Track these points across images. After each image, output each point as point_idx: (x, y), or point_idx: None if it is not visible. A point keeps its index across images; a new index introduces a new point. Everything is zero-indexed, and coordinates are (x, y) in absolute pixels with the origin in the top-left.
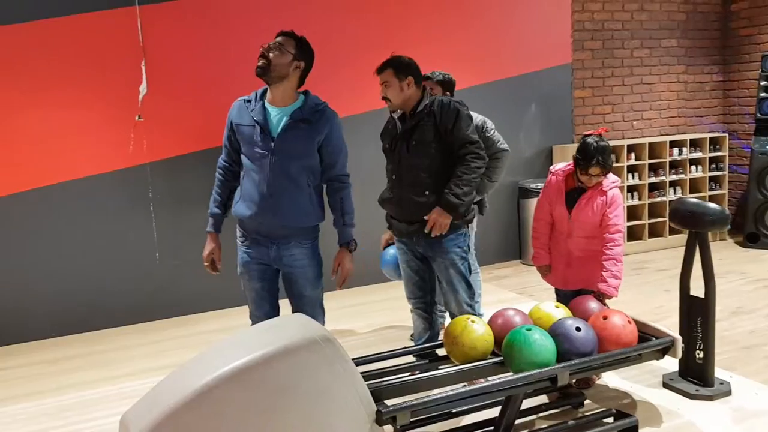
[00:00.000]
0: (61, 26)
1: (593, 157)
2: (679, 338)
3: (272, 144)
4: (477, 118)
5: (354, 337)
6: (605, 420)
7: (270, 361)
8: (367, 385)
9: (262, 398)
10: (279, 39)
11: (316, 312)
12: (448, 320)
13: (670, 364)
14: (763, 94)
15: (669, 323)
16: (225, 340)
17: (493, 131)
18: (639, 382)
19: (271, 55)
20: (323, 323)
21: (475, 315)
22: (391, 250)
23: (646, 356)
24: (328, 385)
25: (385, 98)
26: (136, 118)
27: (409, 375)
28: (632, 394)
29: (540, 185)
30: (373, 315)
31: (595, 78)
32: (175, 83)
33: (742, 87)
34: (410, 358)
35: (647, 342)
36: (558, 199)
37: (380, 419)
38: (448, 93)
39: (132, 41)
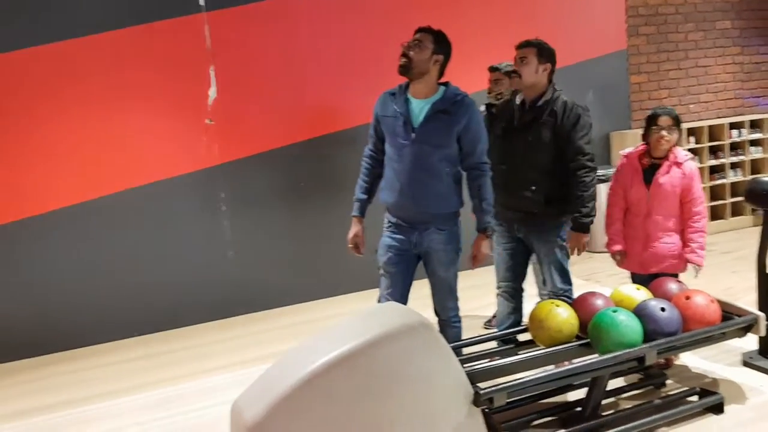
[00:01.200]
0: (132, 36)
1: (659, 109)
2: (762, 315)
3: (413, 134)
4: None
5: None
6: (690, 399)
7: (375, 346)
8: (466, 368)
9: (369, 382)
10: (417, 36)
11: (447, 295)
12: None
13: (749, 343)
14: None
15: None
16: (326, 329)
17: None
18: (718, 361)
19: (411, 53)
20: (454, 307)
21: (567, 300)
22: None
23: (729, 334)
24: (429, 369)
25: (515, 73)
26: (207, 121)
27: (497, 359)
28: (713, 373)
29: (601, 172)
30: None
31: (651, 63)
32: (243, 86)
33: None
34: (490, 344)
35: (730, 320)
36: (634, 179)
37: (478, 400)
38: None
39: (200, 47)
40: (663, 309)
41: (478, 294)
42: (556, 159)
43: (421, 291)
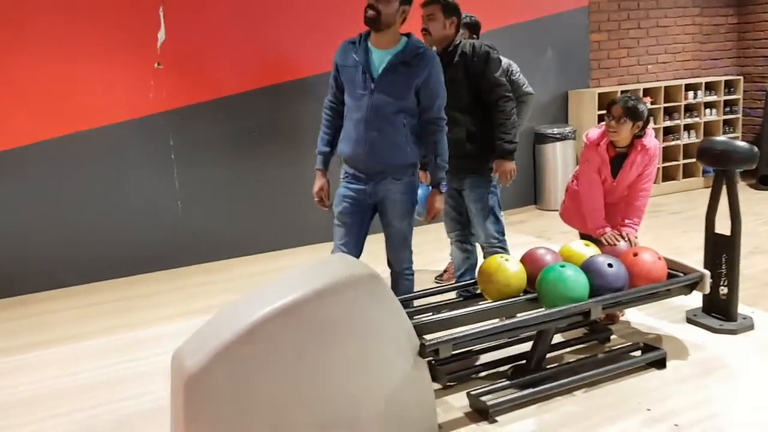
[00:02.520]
0: None
1: (618, 97)
2: (707, 273)
3: (372, 84)
4: (503, 61)
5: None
6: (633, 354)
7: (321, 296)
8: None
9: (314, 332)
10: None
11: (401, 246)
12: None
13: (693, 301)
14: None
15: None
16: (274, 280)
17: (518, 74)
18: (663, 318)
19: (379, 6)
20: (408, 259)
21: (505, 252)
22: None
23: (675, 291)
24: (375, 320)
25: (425, 30)
26: (156, 65)
27: (446, 312)
28: (657, 329)
29: (556, 130)
30: None
31: (611, 21)
32: (195, 29)
33: (758, 29)
34: (441, 297)
35: (676, 278)
36: (602, 170)
37: (423, 352)
38: (474, 36)
39: None
40: (610, 265)
41: (430, 249)
42: (473, 99)
43: (374, 245)
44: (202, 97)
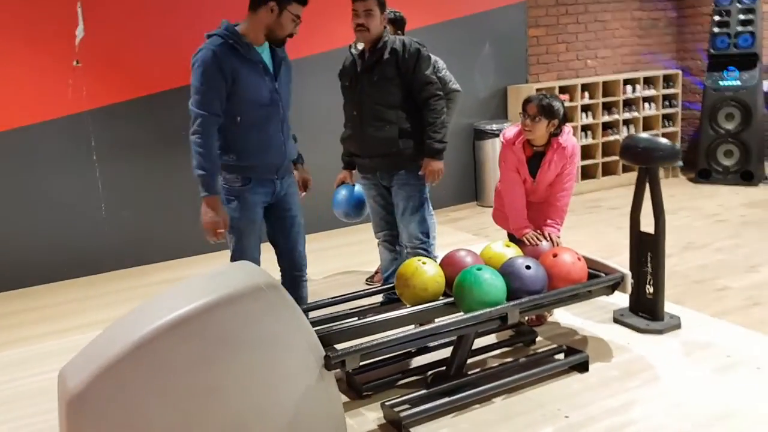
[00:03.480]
0: None
1: (533, 95)
2: (629, 274)
3: (276, 85)
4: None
5: (310, 282)
6: (556, 356)
7: (212, 310)
8: (317, 330)
9: (205, 348)
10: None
11: (303, 244)
12: None
13: (621, 300)
14: (716, 30)
15: (621, 260)
16: (166, 291)
17: (444, 71)
18: (590, 318)
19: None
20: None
21: (428, 254)
22: (343, 191)
23: (596, 292)
24: (274, 333)
25: (361, 27)
26: (74, 63)
27: (359, 319)
28: (583, 330)
29: (495, 126)
30: (327, 261)
31: (549, 16)
32: (114, 26)
33: (696, 23)
34: (363, 302)
35: (597, 278)
36: (520, 169)
37: (329, 364)
38: (399, 32)
39: None
40: (528, 267)
41: (361, 249)
42: (404, 97)
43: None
44: (125, 95)
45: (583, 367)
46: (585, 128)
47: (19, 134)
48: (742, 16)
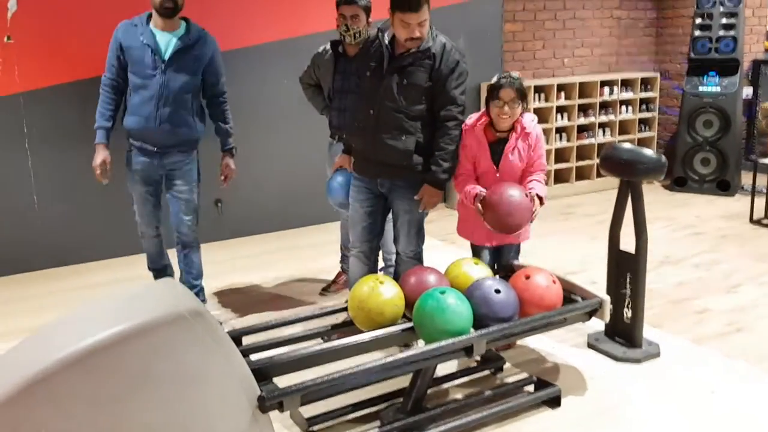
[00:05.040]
0: None
1: (503, 79)
2: (607, 299)
3: (163, 65)
4: None
5: (258, 292)
6: (526, 389)
7: (125, 341)
8: (255, 360)
9: (116, 385)
10: None
11: (191, 215)
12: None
13: (597, 321)
14: (697, 33)
15: (595, 274)
16: (80, 309)
17: None
18: (563, 341)
19: None
20: (193, 224)
21: (420, 263)
22: (339, 178)
23: (571, 319)
24: (199, 368)
25: (417, 39)
26: (5, 39)
27: (316, 344)
28: (555, 356)
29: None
30: (278, 265)
31: (527, 11)
32: (52, 1)
33: (676, 25)
34: (315, 323)
35: (573, 304)
36: (481, 153)
37: (263, 406)
38: (370, 20)
39: None
40: (498, 291)
41: (317, 254)
42: (429, 107)
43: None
44: (62, 77)
45: (554, 402)
46: (559, 130)
47: None
48: (724, 20)
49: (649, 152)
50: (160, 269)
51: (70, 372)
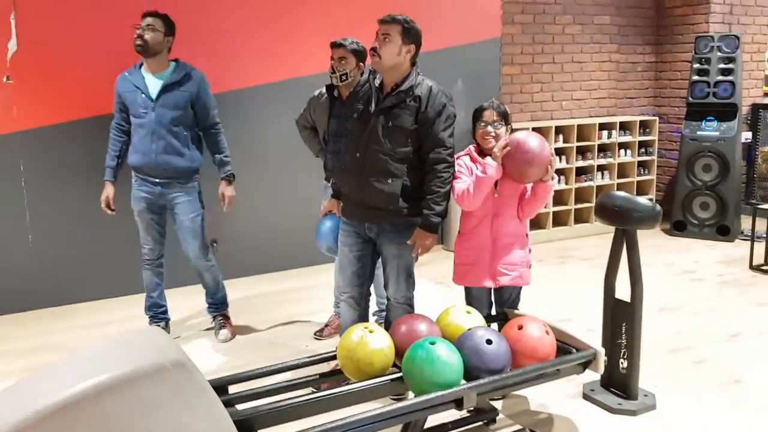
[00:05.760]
0: None
1: (486, 103)
2: (602, 351)
3: (153, 103)
4: None
5: (249, 334)
6: None
7: (101, 395)
8: (240, 411)
9: None
10: (149, 20)
11: (196, 242)
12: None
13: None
14: (695, 78)
15: (592, 321)
16: (62, 358)
17: None
18: (558, 391)
19: (146, 35)
20: (202, 249)
21: (411, 310)
22: (328, 222)
23: (564, 371)
24: (180, 421)
25: (373, 51)
26: (4, 79)
27: (304, 393)
28: (549, 407)
29: None
30: (271, 308)
31: (525, 54)
32: (51, 41)
33: (675, 69)
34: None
35: (566, 355)
36: None
37: None
38: (361, 64)
39: None
40: (489, 341)
41: (312, 295)
42: (416, 150)
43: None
44: (60, 117)
45: None
46: (558, 173)
47: None
48: (722, 65)
49: (643, 201)
50: (153, 306)
51: (46, 425)
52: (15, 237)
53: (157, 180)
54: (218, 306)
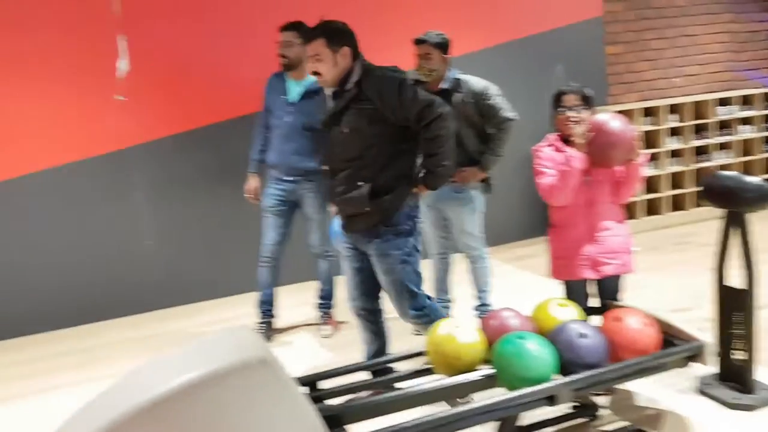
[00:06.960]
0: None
1: (566, 86)
2: (708, 343)
3: (292, 108)
4: (478, 83)
5: (353, 331)
6: None
7: (192, 391)
8: (326, 407)
9: None
10: (286, 35)
11: (320, 232)
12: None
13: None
14: None
15: (710, 312)
16: (153, 358)
17: (496, 98)
18: (670, 386)
19: (286, 52)
20: (320, 238)
21: (426, 329)
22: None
23: (668, 365)
24: (267, 416)
25: (314, 74)
26: (118, 97)
27: (384, 390)
28: (659, 402)
29: None
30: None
31: (630, 32)
32: (159, 59)
33: None
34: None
35: (669, 348)
36: None
37: None
38: (446, 56)
39: (108, 14)
40: (583, 335)
41: None
42: (384, 146)
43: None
44: (170, 129)
45: None
46: (675, 154)
47: (65, 171)
48: None
49: (754, 180)
50: (265, 302)
51: (139, 422)
52: (135, 242)
53: (289, 178)
54: (325, 302)
